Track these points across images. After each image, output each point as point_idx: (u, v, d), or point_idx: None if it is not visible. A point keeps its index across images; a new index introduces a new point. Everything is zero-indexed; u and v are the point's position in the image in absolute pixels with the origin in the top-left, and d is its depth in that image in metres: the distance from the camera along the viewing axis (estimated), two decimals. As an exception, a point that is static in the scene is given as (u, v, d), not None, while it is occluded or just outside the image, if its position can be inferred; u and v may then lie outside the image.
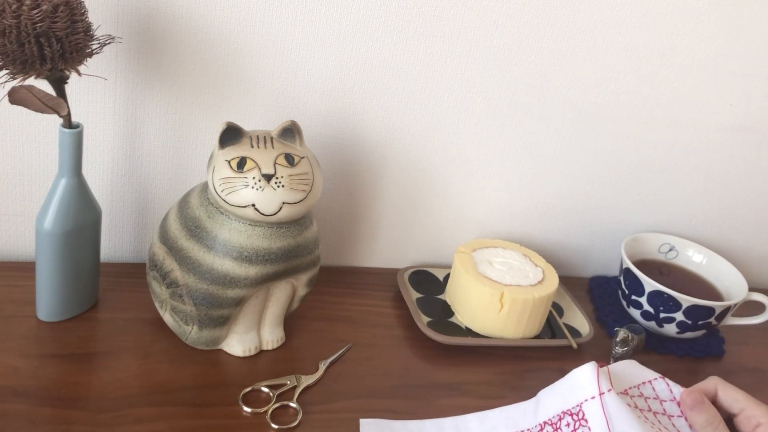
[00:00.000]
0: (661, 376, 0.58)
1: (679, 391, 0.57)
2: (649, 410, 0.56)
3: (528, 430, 0.61)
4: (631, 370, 0.59)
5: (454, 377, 0.75)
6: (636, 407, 0.56)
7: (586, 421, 0.56)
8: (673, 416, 0.57)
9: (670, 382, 0.58)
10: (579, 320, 0.85)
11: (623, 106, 0.88)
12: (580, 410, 0.57)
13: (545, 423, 0.59)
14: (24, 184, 0.78)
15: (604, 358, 0.80)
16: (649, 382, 0.58)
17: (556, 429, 0.58)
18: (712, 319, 0.83)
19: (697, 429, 0.55)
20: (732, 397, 0.56)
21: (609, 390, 0.55)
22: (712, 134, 0.92)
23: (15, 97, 0.61)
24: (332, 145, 0.83)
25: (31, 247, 0.80)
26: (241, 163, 0.64)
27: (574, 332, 0.83)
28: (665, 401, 0.57)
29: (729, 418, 0.57)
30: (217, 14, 0.74)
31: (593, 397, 0.56)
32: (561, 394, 0.59)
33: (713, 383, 0.57)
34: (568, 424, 0.57)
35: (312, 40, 0.77)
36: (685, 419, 0.56)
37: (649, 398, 0.57)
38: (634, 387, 0.57)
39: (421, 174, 0.87)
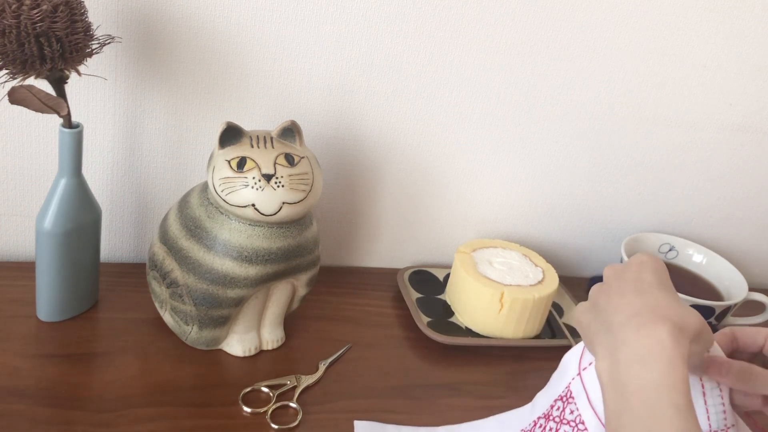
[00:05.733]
0: None
1: None
2: None
3: (522, 430, 0.61)
4: None
5: (454, 377, 0.75)
6: None
7: (573, 398, 0.55)
8: None
9: None
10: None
11: (623, 106, 0.88)
12: (567, 390, 0.57)
13: (539, 417, 0.59)
14: (24, 184, 0.78)
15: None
16: None
17: (548, 418, 0.58)
18: (712, 319, 0.83)
19: (735, 385, 0.54)
20: (751, 332, 0.56)
21: (590, 364, 0.55)
22: (712, 134, 0.92)
23: (15, 97, 0.61)
24: (332, 145, 0.83)
25: (31, 247, 0.80)
26: (241, 163, 0.64)
27: (575, 332, 0.83)
28: None
29: (754, 357, 0.56)
30: (217, 14, 0.74)
31: (577, 374, 0.56)
32: (551, 386, 0.59)
33: (728, 331, 0.57)
34: (558, 408, 0.57)
35: (312, 40, 0.77)
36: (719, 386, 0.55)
37: None
38: None
39: (421, 174, 0.87)
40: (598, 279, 0.95)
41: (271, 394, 0.67)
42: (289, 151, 0.66)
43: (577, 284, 0.95)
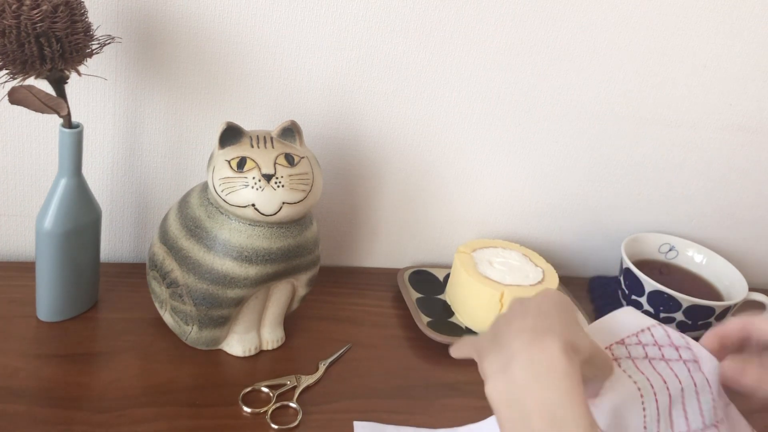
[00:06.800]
0: (658, 323, 0.58)
1: (677, 335, 0.57)
2: (645, 356, 0.56)
3: None
4: (629, 320, 0.58)
5: (454, 377, 0.74)
6: (629, 356, 0.55)
7: None
8: (671, 360, 0.56)
9: (668, 329, 0.57)
10: (579, 320, 0.85)
11: (623, 106, 0.88)
12: None
13: None
14: (24, 184, 0.78)
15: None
16: (648, 329, 0.57)
17: None
18: (712, 319, 0.83)
19: (754, 390, 0.53)
20: (765, 325, 0.54)
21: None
22: (712, 134, 0.92)
23: (15, 97, 0.61)
24: (332, 145, 0.83)
25: (31, 247, 0.80)
26: (241, 163, 0.64)
27: (574, 332, 0.83)
28: (664, 346, 0.57)
29: (765, 349, 0.55)
30: (217, 14, 0.74)
31: None
32: None
33: (737, 322, 0.55)
34: None
35: (312, 40, 0.77)
36: (685, 363, 0.55)
37: (648, 345, 0.56)
38: (632, 335, 0.57)
39: (421, 174, 0.87)
40: (598, 279, 0.96)
41: (271, 394, 0.67)
42: (289, 151, 0.66)
43: (577, 284, 0.95)
